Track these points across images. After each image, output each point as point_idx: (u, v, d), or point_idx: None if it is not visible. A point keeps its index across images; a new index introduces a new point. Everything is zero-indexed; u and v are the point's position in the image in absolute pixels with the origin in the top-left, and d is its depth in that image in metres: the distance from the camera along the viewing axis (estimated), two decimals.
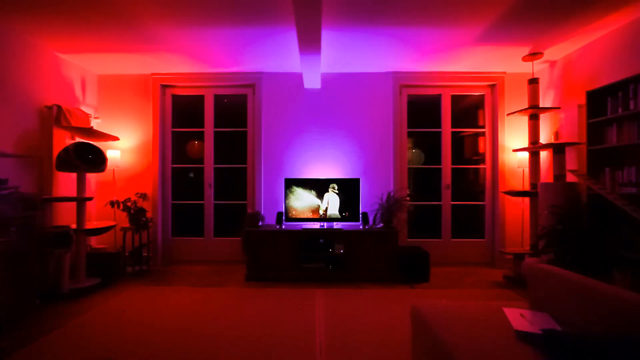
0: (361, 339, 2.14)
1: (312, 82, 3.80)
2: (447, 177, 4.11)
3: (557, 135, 3.54)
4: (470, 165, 4.24)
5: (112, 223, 3.46)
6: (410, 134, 4.16)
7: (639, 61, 2.64)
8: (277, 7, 2.55)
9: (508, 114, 3.73)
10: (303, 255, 3.43)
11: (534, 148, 3.41)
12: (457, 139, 4.18)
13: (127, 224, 3.67)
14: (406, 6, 2.55)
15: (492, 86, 4.04)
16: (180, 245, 4.20)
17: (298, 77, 4.00)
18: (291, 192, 3.69)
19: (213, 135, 4.18)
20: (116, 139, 3.74)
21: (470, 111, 4.29)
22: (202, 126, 4.18)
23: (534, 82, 3.46)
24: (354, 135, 4.02)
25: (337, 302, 2.79)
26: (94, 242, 3.96)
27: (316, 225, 3.66)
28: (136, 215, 3.62)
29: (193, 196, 4.24)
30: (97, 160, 3.23)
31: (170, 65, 3.80)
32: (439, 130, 4.12)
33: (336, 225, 3.66)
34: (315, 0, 2.12)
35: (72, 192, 3.48)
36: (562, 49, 3.33)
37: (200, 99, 4.19)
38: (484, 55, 3.49)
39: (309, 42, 2.74)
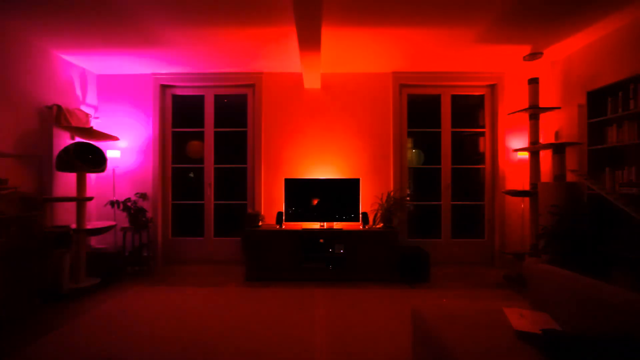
0: (361, 339, 2.14)
1: (312, 82, 3.81)
2: (447, 177, 4.11)
3: (557, 135, 3.54)
4: (470, 165, 4.24)
5: (112, 223, 3.46)
6: (410, 134, 4.16)
7: (639, 61, 2.65)
8: (277, 7, 2.55)
9: (508, 114, 3.73)
10: (303, 255, 3.43)
11: (534, 148, 3.41)
12: (457, 139, 4.18)
13: (127, 224, 3.67)
14: (406, 6, 2.55)
15: (492, 86, 4.04)
16: (180, 245, 4.20)
17: (298, 77, 4.00)
18: (291, 192, 3.69)
19: (213, 135, 4.18)
20: (116, 139, 3.74)
21: (470, 111, 4.29)
22: (202, 126, 4.18)
23: (534, 82, 3.46)
24: (354, 135, 4.02)
25: (337, 302, 2.79)
26: (94, 242, 3.96)
27: (316, 225, 3.66)
28: (136, 215, 3.62)
29: (193, 196, 4.24)
30: (97, 160, 3.24)
31: (170, 65, 3.80)
32: (439, 130, 4.12)
33: (336, 225, 3.65)
34: (315, 0, 2.12)
35: (72, 192, 3.49)
36: (562, 49, 3.33)
37: (200, 99, 4.19)
38: (484, 55, 3.49)
39: (309, 42, 2.74)
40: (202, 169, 4.19)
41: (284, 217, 3.65)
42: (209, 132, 4.18)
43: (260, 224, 3.64)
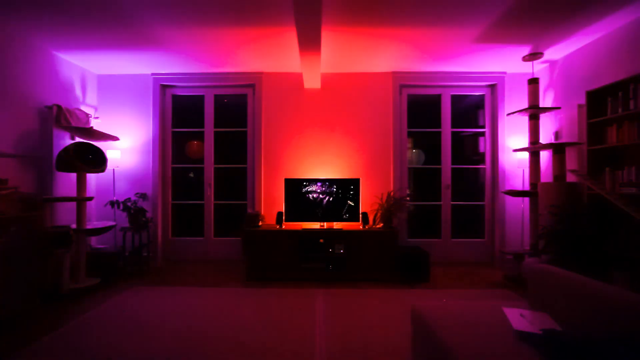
0: (361, 339, 2.14)
1: (312, 82, 3.81)
2: (447, 177, 4.11)
3: (557, 135, 3.54)
4: (470, 165, 4.24)
5: (112, 223, 3.46)
6: (410, 134, 4.16)
7: (639, 61, 2.65)
8: (277, 7, 2.55)
9: (508, 114, 3.73)
10: (303, 255, 3.43)
11: (534, 148, 3.41)
12: (457, 139, 4.18)
13: (127, 224, 3.67)
14: (406, 6, 2.55)
15: (492, 86, 4.04)
16: (180, 245, 4.20)
17: (298, 77, 4.00)
18: (291, 192, 3.69)
19: (213, 135, 4.18)
20: (116, 139, 3.74)
21: (470, 111, 4.29)
22: (202, 126, 4.18)
23: (534, 82, 3.46)
24: (354, 135, 4.02)
25: (337, 302, 2.79)
26: (94, 242, 3.97)
27: (316, 225, 3.66)
28: (136, 215, 3.62)
29: (193, 196, 4.24)
30: (97, 160, 3.24)
31: (170, 65, 3.80)
32: (439, 130, 4.12)
33: (336, 225, 3.65)
34: (315, 0, 2.12)
35: (72, 192, 3.49)
36: (562, 49, 3.33)
37: (200, 99, 4.19)
38: (484, 55, 3.49)
39: (309, 42, 2.74)
40: (202, 169, 4.19)
41: (284, 217, 3.65)
42: (209, 132, 4.18)
43: (260, 224, 3.64)
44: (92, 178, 3.93)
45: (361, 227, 3.62)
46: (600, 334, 1.24)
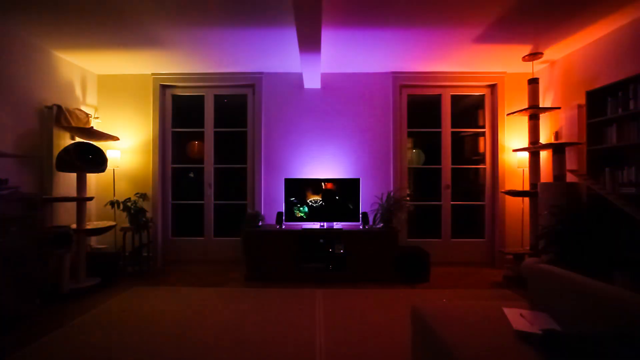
0: (361, 339, 2.14)
1: (312, 82, 3.81)
2: (447, 177, 4.11)
3: (557, 135, 3.54)
4: (470, 165, 4.24)
5: (112, 223, 3.46)
6: (410, 134, 4.16)
7: (639, 61, 2.65)
8: (277, 7, 2.55)
9: (508, 114, 3.73)
10: (303, 255, 3.43)
11: (534, 148, 3.41)
12: (457, 139, 4.18)
13: (127, 224, 3.67)
14: (406, 6, 2.55)
15: (492, 86, 4.04)
16: (180, 245, 4.20)
17: (298, 77, 4.00)
18: (291, 192, 3.69)
19: (213, 135, 4.18)
20: (116, 139, 3.74)
21: (470, 111, 4.29)
22: (202, 126, 4.18)
23: (534, 82, 3.46)
24: (354, 135, 4.02)
25: (337, 302, 2.79)
26: (94, 242, 3.97)
27: (316, 225, 3.66)
28: (136, 215, 3.62)
29: (193, 196, 4.24)
30: (97, 160, 3.24)
31: (170, 65, 3.80)
32: (439, 130, 4.12)
33: (336, 225, 3.65)
34: (315, 0, 2.12)
35: (72, 192, 3.48)
36: (562, 49, 3.33)
37: (200, 99, 4.19)
38: (484, 55, 3.49)
39: (309, 42, 2.74)
40: (202, 169, 4.19)
41: (284, 217, 3.65)
42: (209, 132, 4.18)
43: (260, 224, 3.64)
44: (92, 178, 3.93)
45: (361, 227, 3.62)
46: (600, 334, 1.24)
